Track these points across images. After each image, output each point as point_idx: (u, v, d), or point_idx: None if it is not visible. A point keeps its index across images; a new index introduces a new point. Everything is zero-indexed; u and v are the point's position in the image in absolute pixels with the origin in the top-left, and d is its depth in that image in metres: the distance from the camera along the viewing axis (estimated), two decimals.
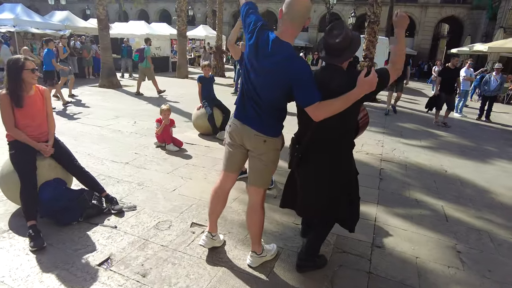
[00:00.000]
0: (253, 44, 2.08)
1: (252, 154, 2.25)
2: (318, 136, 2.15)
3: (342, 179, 2.24)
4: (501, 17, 23.16)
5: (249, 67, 2.14)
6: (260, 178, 2.29)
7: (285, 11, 2.00)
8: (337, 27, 2.05)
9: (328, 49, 2.08)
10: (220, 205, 2.52)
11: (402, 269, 2.61)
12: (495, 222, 3.55)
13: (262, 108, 2.12)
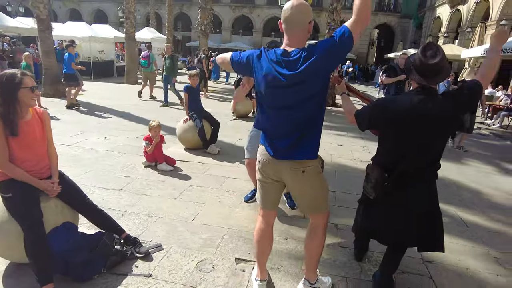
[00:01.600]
0: (266, 72, 1.88)
1: (289, 186, 2.10)
2: (412, 166, 2.02)
3: (436, 206, 2.14)
4: (427, 26, 25.77)
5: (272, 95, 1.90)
6: (314, 207, 2.13)
7: (283, 23, 1.86)
8: (431, 47, 1.95)
9: (424, 71, 1.94)
10: (269, 245, 2.24)
11: (464, 284, 2.58)
12: (506, 222, 3.74)
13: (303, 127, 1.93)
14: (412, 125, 1.95)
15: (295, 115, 1.89)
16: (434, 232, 2.16)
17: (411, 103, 1.95)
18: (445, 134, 2.01)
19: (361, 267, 2.67)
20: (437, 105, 1.93)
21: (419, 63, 1.95)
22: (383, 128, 2.11)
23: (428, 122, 1.92)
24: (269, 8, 31.89)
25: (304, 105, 1.87)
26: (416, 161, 2.02)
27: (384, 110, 2.03)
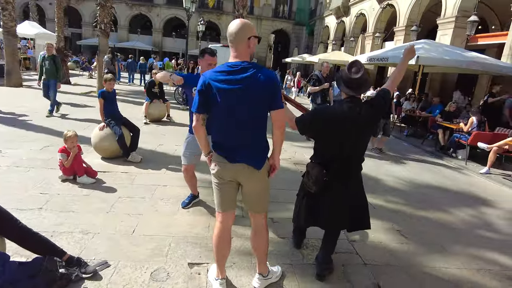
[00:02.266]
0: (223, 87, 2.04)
1: (244, 187, 2.25)
2: (345, 162, 2.43)
3: (363, 191, 2.60)
4: (318, 34, 28.63)
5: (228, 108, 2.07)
6: (262, 205, 2.33)
7: (228, 38, 2.10)
8: (355, 64, 2.40)
9: (349, 84, 2.35)
10: (228, 247, 2.39)
11: (380, 254, 3.14)
12: (399, 202, 4.60)
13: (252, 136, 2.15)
14: (345, 128, 2.36)
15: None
16: (363, 213, 2.62)
17: (343, 110, 2.36)
18: (368, 135, 2.50)
19: (302, 254, 3.01)
20: (363, 111, 2.36)
21: (346, 78, 2.39)
22: (321, 131, 2.46)
23: (357, 125, 2.37)
24: (169, 8, 31.12)
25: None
26: (348, 158, 2.44)
27: (323, 116, 2.40)
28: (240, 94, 2.00)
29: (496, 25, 14.08)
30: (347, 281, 2.68)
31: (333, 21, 24.45)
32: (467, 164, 7.09)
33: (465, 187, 5.70)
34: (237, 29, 2.03)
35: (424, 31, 15.01)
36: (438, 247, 3.42)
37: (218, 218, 2.32)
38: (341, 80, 2.43)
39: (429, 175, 6.13)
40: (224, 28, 31.12)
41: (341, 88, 2.44)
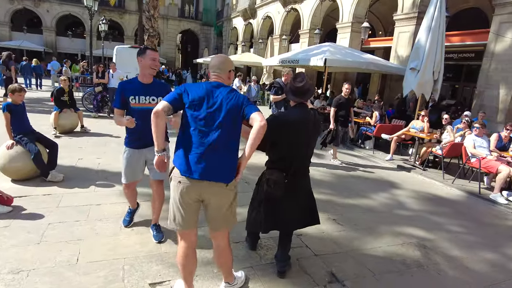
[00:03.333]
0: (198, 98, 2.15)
1: (208, 203, 2.22)
2: (301, 164, 2.66)
3: (311, 190, 2.83)
4: (226, 35, 29.05)
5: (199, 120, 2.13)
6: (229, 220, 2.30)
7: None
8: (299, 75, 2.69)
9: (296, 91, 2.63)
10: (194, 263, 2.36)
11: (325, 243, 3.46)
12: (327, 193, 5.08)
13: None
14: (301, 130, 2.59)
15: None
16: (314, 210, 2.86)
17: (297, 115, 2.60)
18: (317, 136, 2.76)
19: (258, 255, 3.14)
20: (311, 115, 2.63)
21: (292, 88, 2.65)
22: (280, 136, 2.59)
23: (309, 127, 2.62)
24: (61, 4, 27.90)
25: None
26: (304, 159, 2.68)
27: (281, 121, 2.59)
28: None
29: (382, 31, 16.33)
30: (305, 273, 2.91)
31: (241, 23, 25.12)
32: (374, 153, 8.15)
33: (376, 173, 6.56)
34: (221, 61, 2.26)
35: (324, 34, 16.55)
36: (369, 230, 3.92)
37: (181, 236, 2.28)
38: (289, 90, 2.68)
39: (346, 165, 6.87)
40: (128, 27, 29.33)
41: (290, 98, 2.67)
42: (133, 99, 2.96)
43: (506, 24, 8.39)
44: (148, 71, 2.99)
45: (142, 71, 3.01)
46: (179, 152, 2.17)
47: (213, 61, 2.27)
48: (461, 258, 3.51)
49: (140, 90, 2.98)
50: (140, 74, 3.03)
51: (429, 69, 7.64)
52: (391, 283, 2.91)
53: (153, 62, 2.97)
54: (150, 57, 2.95)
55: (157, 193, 3.21)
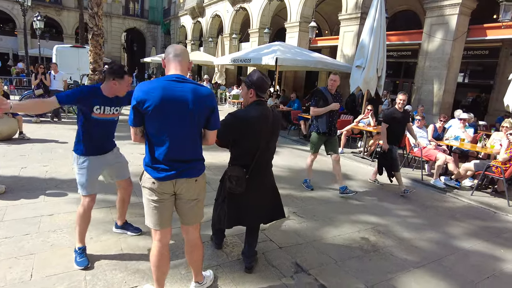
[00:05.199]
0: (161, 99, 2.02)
1: (181, 198, 2.23)
2: (262, 159, 2.70)
3: (275, 185, 2.90)
4: (174, 33, 28.38)
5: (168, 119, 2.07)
6: (199, 215, 2.36)
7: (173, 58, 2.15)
8: (257, 72, 2.70)
9: (263, 89, 2.66)
10: (168, 264, 2.34)
11: (288, 234, 3.59)
12: (286, 187, 5.25)
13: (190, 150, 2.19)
14: (261, 127, 2.63)
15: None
16: (279, 204, 2.96)
17: (258, 111, 2.62)
18: (278, 133, 2.83)
19: (225, 253, 3.16)
20: (270, 112, 2.70)
21: (261, 82, 2.64)
22: (241, 133, 2.64)
23: (269, 124, 2.66)
24: None
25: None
26: (265, 155, 2.73)
27: (243, 119, 2.61)
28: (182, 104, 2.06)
29: (328, 31, 17.05)
30: (272, 266, 2.99)
31: (189, 21, 24.70)
32: None
33: (330, 166, 6.85)
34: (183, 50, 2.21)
35: (273, 33, 16.91)
36: (328, 220, 4.13)
37: (156, 236, 2.24)
38: (256, 85, 2.64)
39: (301, 160, 7.12)
40: (67, 25, 27.37)
41: (257, 93, 2.66)
42: (98, 109, 2.78)
43: (436, 26, 9.26)
44: (121, 94, 2.83)
45: (114, 92, 2.78)
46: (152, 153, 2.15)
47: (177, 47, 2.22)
48: (410, 239, 3.84)
49: (107, 101, 2.80)
50: (108, 92, 2.78)
51: (373, 66, 8.18)
52: (352, 268, 3.10)
53: (128, 88, 2.84)
54: (127, 83, 2.80)
55: (127, 191, 3.21)
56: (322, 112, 4.82)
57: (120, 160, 3.11)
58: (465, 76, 13.67)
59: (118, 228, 3.39)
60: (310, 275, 2.92)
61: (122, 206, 3.29)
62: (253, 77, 2.66)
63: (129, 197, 3.28)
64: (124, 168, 3.16)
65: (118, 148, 3.15)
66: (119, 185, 3.19)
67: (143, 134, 2.16)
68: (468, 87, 13.61)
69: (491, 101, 11.79)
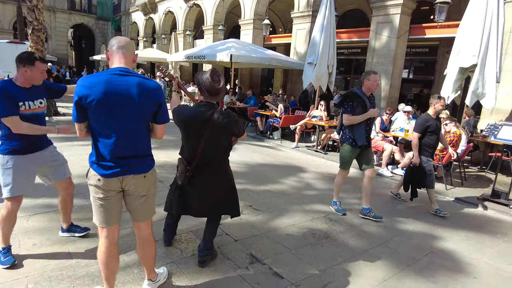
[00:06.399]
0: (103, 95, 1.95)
1: (130, 194, 2.19)
2: (208, 157, 2.68)
3: (230, 183, 2.90)
4: (125, 30, 27.27)
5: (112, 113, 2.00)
6: (150, 211, 2.32)
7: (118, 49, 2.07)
8: (217, 73, 2.62)
9: (212, 91, 2.58)
10: (117, 261, 2.28)
11: (243, 228, 3.63)
12: (243, 183, 5.29)
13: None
14: (197, 128, 2.58)
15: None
16: (235, 201, 2.97)
17: (195, 112, 2.58)
18: (225, 138, 2.73)
19: (179, 249, 3.12)
20: (217, 115, 2.59)
21: (209, 85, 2.57)
22: (181, 128, 2.65)
23: (209, 127, 2.57)
24: None
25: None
26: (205, 156, 2.65)
27: (178, 116, 2.60)
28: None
29: (281, 28, 17.34)
30: (227, 259, 3.01)
31: (141, 18, 23.87)
32: (282, 142, 8.71)
33: (285, 160, 7.06)
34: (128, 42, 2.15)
35: (228, 30, 16.87)
36: (283, 211, 4.23)
37: (102, 233, 2.17)
38: (205, 89, 2.58)
39: (257, 156, 7.22)
40: (3, 19, 25.18)
41: (204, 95, 2.62)
42: (23, 105, 2.61)
43: (382, 24, 9.78)
44: (36, 82, 2.69)
45: (27, 80, 2.63)
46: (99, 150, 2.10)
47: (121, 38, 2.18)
48: (360, 224, 4.05)
49: (25, 94, 2.62)
50: (22, 82, 2.62)
51: (324, 63, 8.49)
52: (305, 255, 3.21)
53: (43, 75, 2.69)
54: (40, 70, 2.65)
55: (68, 192, 3.05)
56: (359, 120, 4.03)
57: (57, 158, 2.96)
58: (410, 72, 14.62)
59: (64, 232, 3.22)
60: (264, 264, 2.98)
61: (64, 208, 3.12)
62: (202, 78, 2.60)
63: (71, 198, 3.12)
64: (62, 168, 3.01)
65: (55, 147, 3.00)
66: (59, 187, 3.02)
67: (88, 130, 2.09)
68: (413, 83, 14.58)
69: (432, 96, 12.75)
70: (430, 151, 4.55)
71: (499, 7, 5.99)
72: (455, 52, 6.50)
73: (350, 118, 4.05)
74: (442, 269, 3.21)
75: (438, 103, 4.46)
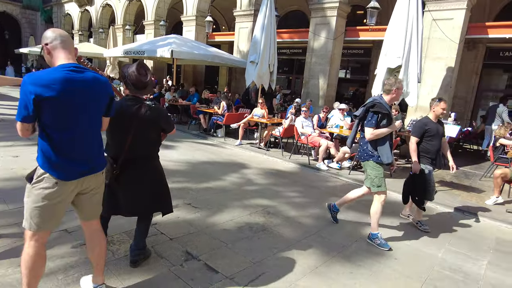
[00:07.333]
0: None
1: (85, 193, 2.15)
2: (135, 153, 2.59)
3: (160, 179, 2.82)
4: (58, 22, 25.22)
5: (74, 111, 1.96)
6: (100, 206, 2.31)
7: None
8: (143, 67, 2.53)
9: (138, 85, 2.50)
10: (44, 264, 2.14)
11: (180, 226, 3.58)
12: (183, 181, 5.20)
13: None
14: (125, 123, 2.48)
15: None
16: (167, 198, 2.90)
17: (121, 106, 2.48)
18: (154, 132, 2.66)
19: (111, 251, 2.98)
20: (147, 110, 2.53)
21: (135, 79, 2.48)
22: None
23: (138, 121, 2.50)
24: None
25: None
26: (135, 150, 2.57)
27: None
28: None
29: (225, 26, 17.32)
30: (162, 258, 2.94)
31: (75, 9, 22.22)
32: (225, 140, 8.72)
33: (228, 157, 7.08)
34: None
35: (170, 26, 16.42)
36: (222, 207, 4.24)
37: (33, 237, 2.01)
38: (131, 83, 2.49)
39: (200, 154, 7.14)
40: None
41: (129, 89, 2.53)
42: None
43: (320, 26, 10.24)
44: None
45: None
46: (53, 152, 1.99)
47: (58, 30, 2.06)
48: (296, 216, 4.21)
49: None
50: None
51: (265, 62, 8.66)
52: (241, 248, 3.26)
53: None
54: None
55: None
56: (385, 134, 3.51)
57: None
58: (347, 72, 15.52)
59: None
60: (200, 260, 2.97)
61: None
62: (128, 71, 2.50)
63: None
64: None
65: None
66: None
67: (34, 129, 1.95)
68: (350, 82, 15.50)
69: (367, 94, 13.64)
70: (429, 156, 4.09)
71: (418, 14, 6.61)
72: (384, 53, 7.03)
73: (376, 133, 3.48)
74: (368, 253, 3.46)
75: (438, 106, 4.04)
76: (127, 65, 2.57)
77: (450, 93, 8.22)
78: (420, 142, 4.10)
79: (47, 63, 2.02)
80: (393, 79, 3.67)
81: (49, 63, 2.00)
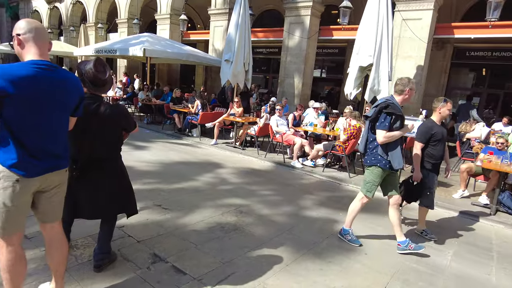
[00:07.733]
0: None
1: (46, 191, 2.04)
2: (95, 153, 2.50)
3: (123, 180, 2.72)
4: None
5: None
6: (61, 208, 2.21)
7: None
8: (101, 63, 2.43)
9: (97, 82, 2.40)
10: (25, 268, 2.07)
11: (149, 229, 3.48)
12: (157, 182, 5.09)
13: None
14: (84, 122, 2.33)
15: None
16: (130, 199, 2.80)
17: (85, 106, 2.31)
18: (114, 131, 2.57)
19: (74, 256, 2.85)
20: (106, 108, 2.45)
21: (92, 76, 2.37)
22: None
23: (98, 120, 2.42)
24: None
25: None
26: (95, 151, 2.48)
27: None
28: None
29: (201, 25, 17.13)
30: (128, 261, 2.85)
31: (44, 6, 21.38)
32: (201, 139, 8.61)
33: (203, 157, 6.99)
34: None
35: (145, 24, 16.08)
36: (193, 208, 4.16)
37: (7, 242, 1.91)
38: (86, 78, 2.37)
39: (174, 154, 7.01)
40: None
41: (87, 87, 2.41)
42: None
43: (294, 25, 10.30)
44: None
45: None
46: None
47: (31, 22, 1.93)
48: (269, 214, 4.20)
49: None
50: None
51: (240, 61, 8.61)
52: (212, 249, 3.20)
53: None
54: None
55: None
56: (398, 137, 3.32)
57: None
58: (322, 71, 15.69)
59: None
60: (167, 262, 2.89)
61: None
62: (85, 68, 2.38)
63: None
64: None
65: None
66: None
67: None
68: (326, 81, 15.68)
69: (342, 93, 13.84)
70: (433, 162, 3.82)
71: (388, 14, 6.75)
72: (355, 52, 7.14)
73: (389, 136, 3.26)
74: (339, 249, 3.49)
75: (445, 107, 3.75)
76: (84, 62, 2.45)
77: (420, 91, 8.46)
78: (425, 147, 3.82)
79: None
80: (406, 78, 3.40)
81: (18, 55, 1.91)
